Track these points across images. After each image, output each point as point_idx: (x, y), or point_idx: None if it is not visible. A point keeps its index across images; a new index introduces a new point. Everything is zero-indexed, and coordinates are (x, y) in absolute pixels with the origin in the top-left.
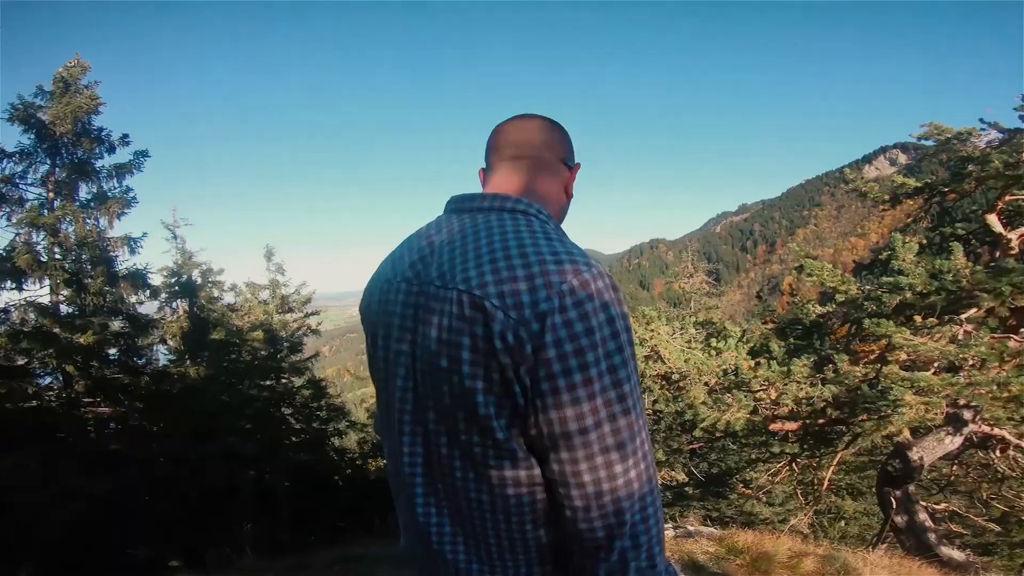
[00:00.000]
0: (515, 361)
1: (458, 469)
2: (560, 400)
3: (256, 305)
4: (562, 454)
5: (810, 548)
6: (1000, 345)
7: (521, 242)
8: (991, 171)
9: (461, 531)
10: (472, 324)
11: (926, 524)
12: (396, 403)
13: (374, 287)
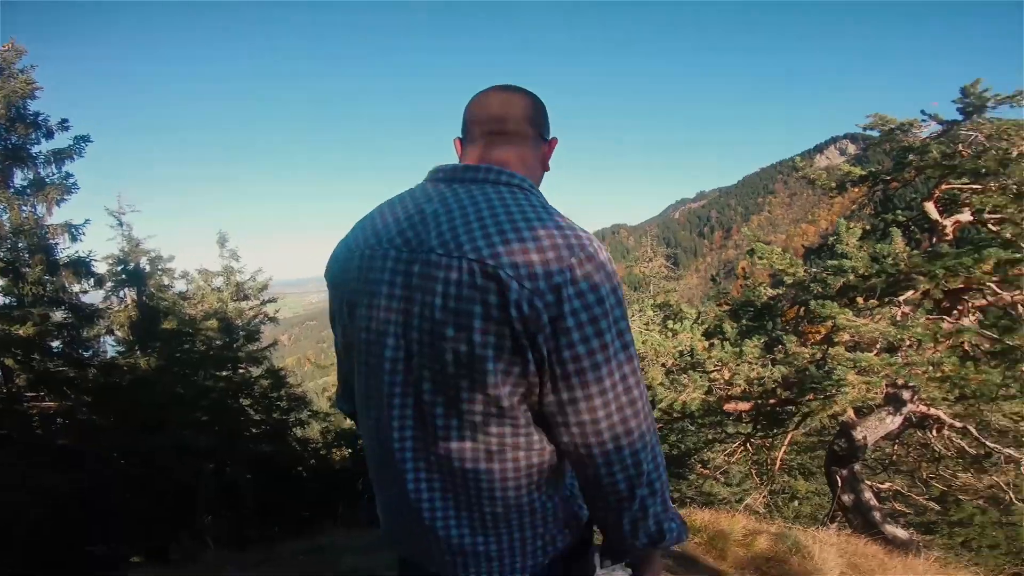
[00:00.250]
0: (530, 330)
1: (454, 439)
2: (581, 366)
3: (209, 293)
4: (583, 416)
5: (763, 527)
6: (934, 326)
7: (526, 215)
8: (929, 161)
9: (454, 504)
10: (484, 293)
11: (871, 503)
12: (384, 375)
13: (350, 255)
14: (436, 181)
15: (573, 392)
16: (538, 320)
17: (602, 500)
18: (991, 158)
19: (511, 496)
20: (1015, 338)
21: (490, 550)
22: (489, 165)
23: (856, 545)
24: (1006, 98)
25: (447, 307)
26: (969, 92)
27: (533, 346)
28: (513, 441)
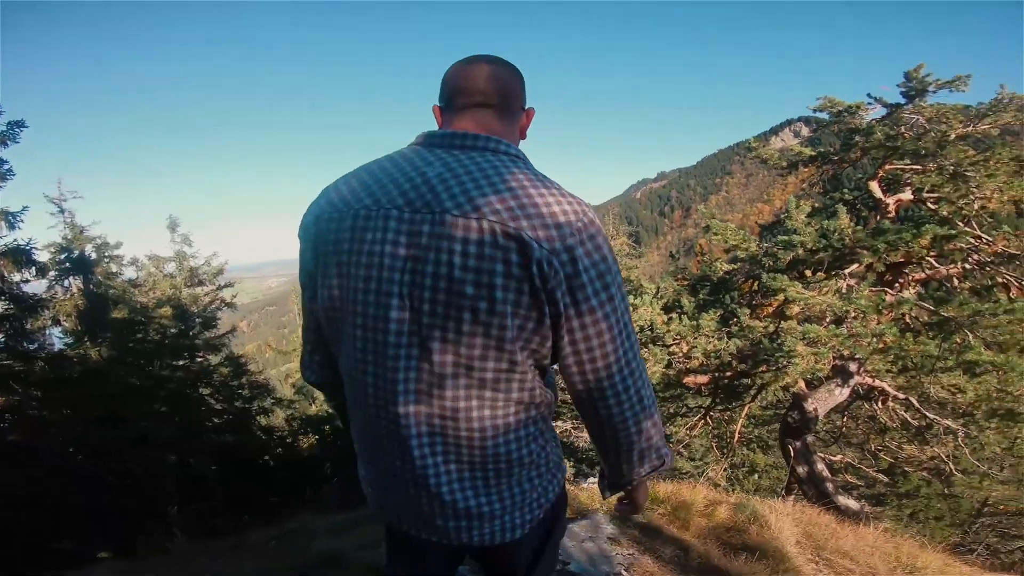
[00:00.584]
0: (549, 286)
1: (462, 399)
2: (596, 317)
3: (162, 279)
4: (598, 362)
5: (724, 497)
6: (877, 298)
7: (533, 182)
8: (874, 142)
9: (457, 467)
10: (506, 252)
11: (824, 474)
12: (389, 336)
13: (340, 215)
14: (432, 146)
15: (589, 341)
16: (556, 277)
17: (613, 438)
18: (930, 140)
19: (512, 450)
20: (949, 309)
21: (494, 510)
22: (483, 135)
23: (810, 515)
24: (946, 83)
25: (467, 266)
26: (912, 77)
27: (551, 300)
28: (518, 396)
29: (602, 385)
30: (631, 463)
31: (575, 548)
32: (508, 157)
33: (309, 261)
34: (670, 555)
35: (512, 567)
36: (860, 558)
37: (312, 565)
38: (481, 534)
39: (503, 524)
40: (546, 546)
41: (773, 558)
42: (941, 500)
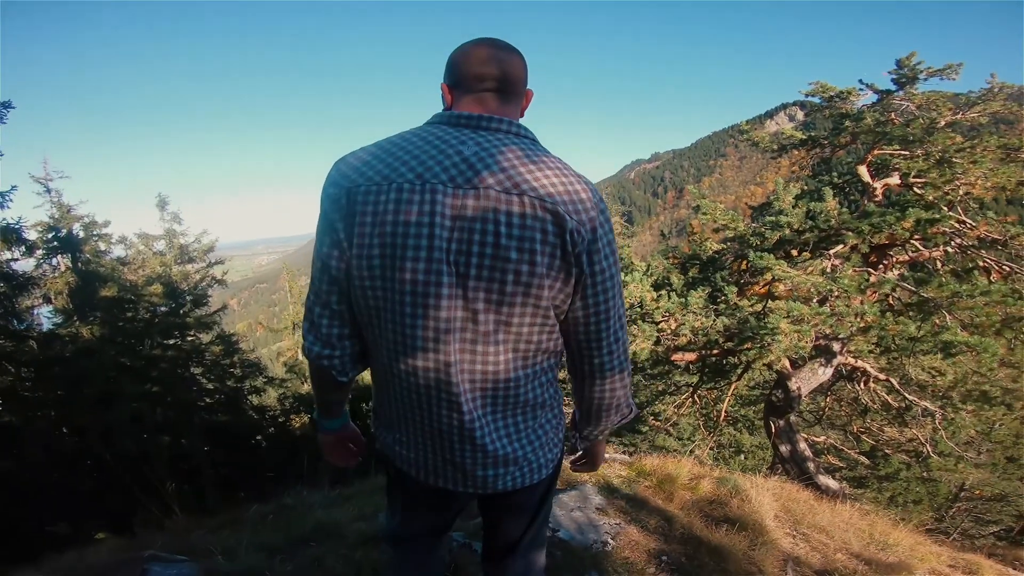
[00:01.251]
0: (577, 250)
1: (504, 351)
2: (605, 277)
3: (151, 257)
4: (601, 316)
5: (707, 472)
6: (860, 278)
7: (556, 164)
8: (863, 127)
9: (499, 418)
10: (543, 223)
11: (806, 453)
12: (443, 301)
13: (378, 189)
14: (458, 126)
15: (597, 297)
16: (583, 243)
17: (600, 388)
18: (917, 126)
19: (539, 395)
20: (928, 290)
21: (526, 453)
22: (505, 118)
23: (790, 491)
24: (937, 71)
25: (511, 234)
26: (903, 64)
27: (577, 263)
28: (548, 343)
29: (600, 336)
30: (608, 412)
31: (564, 517)
32: (529, 140)
33: (340, 233)
34: (655, 525)
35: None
36: (835, 533)
37: (310, 536)
38: (514, 478)
39: (531, 466)
40: (548, 493)
41: (752, 530)
42: (920, 484)
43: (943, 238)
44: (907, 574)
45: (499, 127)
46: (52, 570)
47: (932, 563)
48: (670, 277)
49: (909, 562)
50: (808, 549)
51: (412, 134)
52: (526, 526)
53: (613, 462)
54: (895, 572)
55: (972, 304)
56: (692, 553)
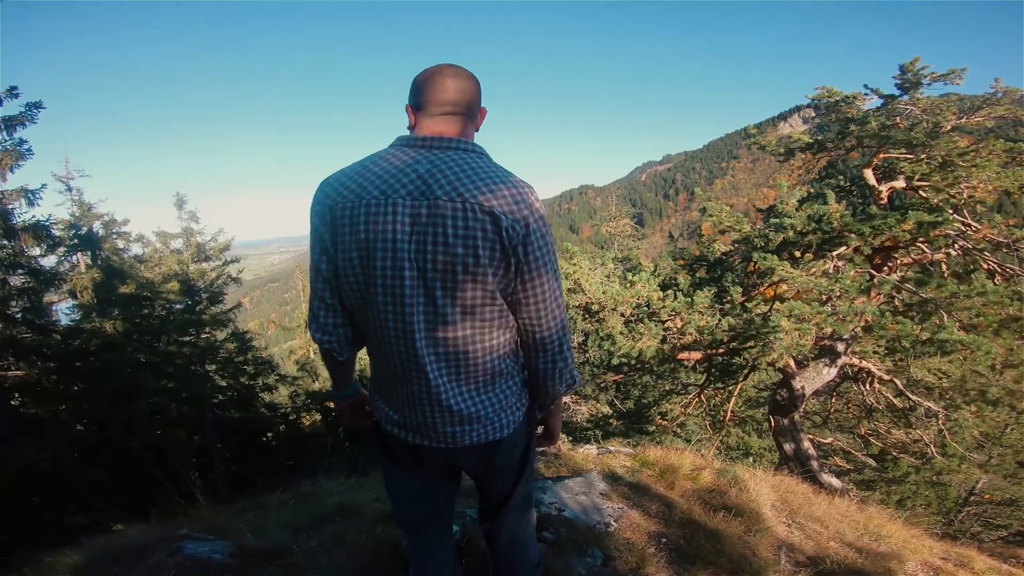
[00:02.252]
0: (513, 243)
1: (460, 329)
2: (540, 271)
3: (168, 255)
4: (537, 297)
5: (708, 463)
6: (861, 279)
7: (497, 173)
8: (868, 131)
9: (457, 381)
10: (483, 223)
11: (810, 452)
12: (406, 290)
13: (353, 206)
14: (416, 147)
15: (534, 281)
16: (517, 237)
17: (543, 359)
18: (921, 130)
19: (497, 363)
20: (928, 291)
21: (486, 411)
22: (456, 138)
23: (788, 484)
24: (941, 76)
25: (457, 234)
26: (907, 69)
27: (514, 254)
28: (498, 321)
29: (540, 314)
30: (552, 380)
31: (570, 500)
32: (475, 154)
33: (327, 241)
34: (655, 510)
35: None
36: (830, 524)
37: (332, 515)
38: (478, 435)
39: (492, 425)
40: (527, 454)
41: (749, 517)
42: (929, 488)
43: (945, 240)
44: (898, 563)
45: (450, 146)
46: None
47: (924, 555)
48: (677, 277)
49: (901, 553)
50: (802, 537)
51: (379, 156)
52: (512, 485)
53: (618, 454)
54: (886, 561)
55: (970, 304)
56: (690, 536)
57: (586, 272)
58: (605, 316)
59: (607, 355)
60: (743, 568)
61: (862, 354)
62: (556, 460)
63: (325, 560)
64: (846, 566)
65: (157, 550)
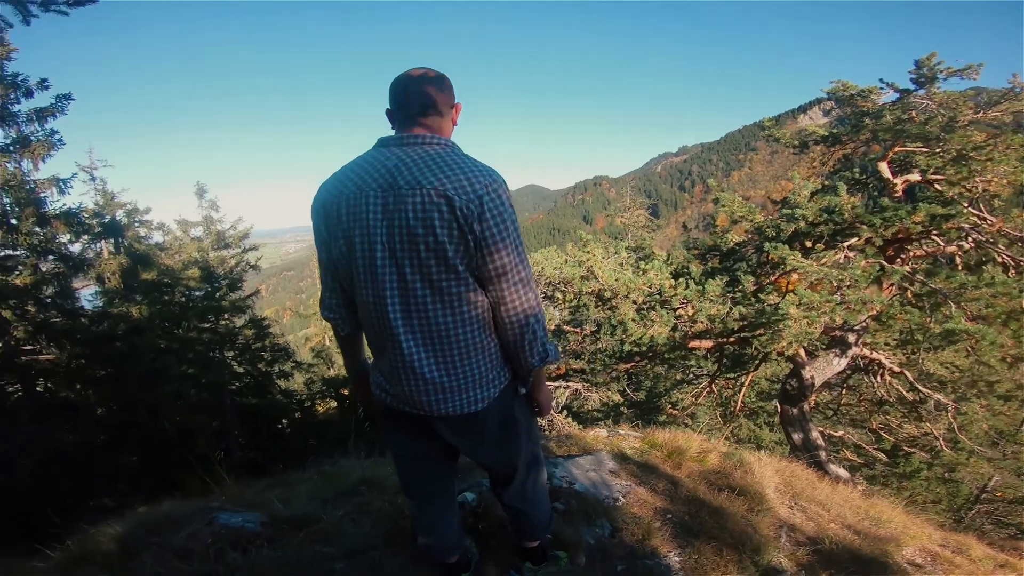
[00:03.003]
0: (469, 221)
1: (430, 303)
2: (497, 246)
3: (188, 243)
4: (500, 270)
5: (715, 446)
6: (871, 269)
7: (455, 160)
8: (883, 125)
9: (430, 352)
10: (439, 205)
11: (818, 442)
12: (379, 270)
13: (336, 202)
14: (389, 146)
15: (492, 256)
16: (471, 215)
17: (513, 330)
18: (936, 124)
19: (468, 337)
20: (936, 281)
21: (460, 383)
22: (422, 134)
23: (793, 468)
24: (957, 71)
25: (416, 217)
26: (923, 64)
27: (471, 231)
28: (466, 296)
29: (503, 285)
30: (522, 349)
31: (580, 475)
32: (439, 147)
33: (323, 231)
34: (662, 488)
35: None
36: (832, 508)
37: (355, 488)
38: (451, 404)
39: (466, 397)
40: (514, 419)
41: (752, 498)
42: (940, 484)
43: (958, 233)
44: (895, 546)
45: (417, 142)
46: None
47: (923, 541)
48: (689, 266)
49: (900, 537)
50: (804, 518)
51: (361, 158)
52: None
53: (627, 436)
54: (884, 544)
55: (979, 295)
56: (695, 513)
57: (599, 260)
58: (617, 303)
59: (619, 344)
60: (744, 544)
61: (873, 346)
62: (567, 440)
63: (351, 527)
64: (844, 547)
65: (193, 520)
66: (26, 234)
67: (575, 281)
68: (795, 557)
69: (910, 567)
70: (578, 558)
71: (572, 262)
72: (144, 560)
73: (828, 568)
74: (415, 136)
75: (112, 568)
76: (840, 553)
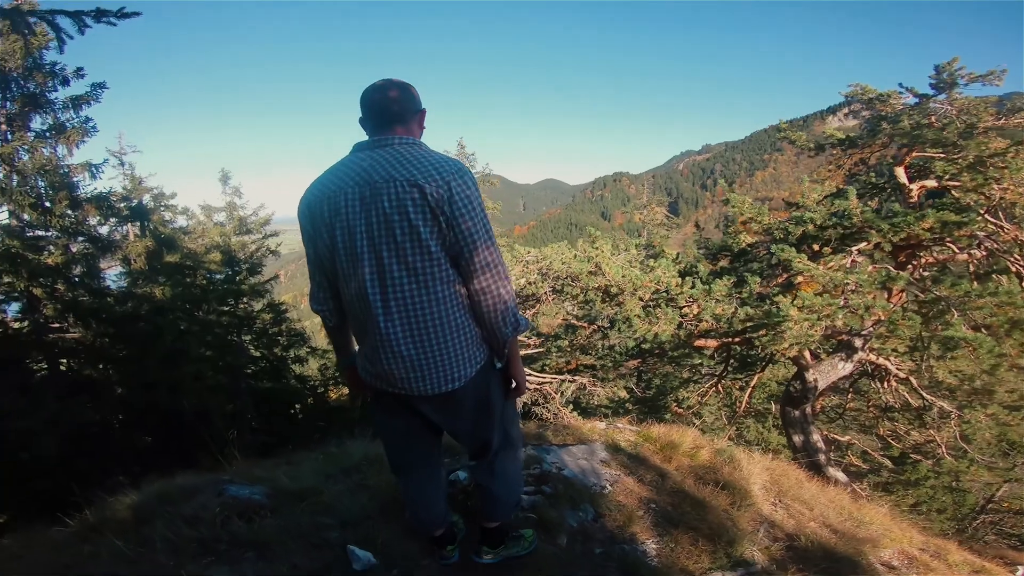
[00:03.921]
0: (440, 206)
1: (406, 283)
2: (467, 223)
3: (212, 227)
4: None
5: (707, 442)
6: (877, 273)
7: (423, 155)
8: (900, 129)
9: (407, 331)
10: (411, 193)
11: (819, 445)
12: (360, 257)
13: (319, 201)
14: (363, 150)
15: (463, 235)
16: (441, 199)
17: (485, 301)
18: (953, 130)
19: (443, 315)
20: (941, 288)
21: (436, 360)
22: (390, 136)
23: (783, 467)
24: (978, 77)
25: (392, 206)
26: (943, 69)
27: (443, 213)
28: (440, 276)
29: (473, 261)
30: (495, 321)
31: (571, 462)
32: (407, 145)
33: (309, 229)
34: (650, 479)
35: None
36: (816, 507)
37: (357, 466)
38: (428, 382)
39: (443, 375)
40: (489, 398)
41: (737, 493)
42: (946, 493)
43: (969, 241)
44: (872, 547)
45: (387, 143)
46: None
47: (903, 544)
48: (697, 265)
49: (879, 539)
50: (786, 515)
51: (339, 163)
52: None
53: (624, 429)
54: (862, 545)
55: (982, 304)
56: (677, 504)
57: (607, 256)
58: (624, 300)
59: (628, 340)
60: (720, 536)
61: (880, 351)
62: (564, 430)
63: (349, 500)
64: (819, 545)
65: (204, 492)
66: (59, 216)
67: (583, 276)
68: (769, 552)
69: (884, 568)
70: (559, 539)
71: (581, 257)
72: (156, 526)
73: (799, 564)
74: (385, 139)
75: (126, 534)
76: (814, 550)
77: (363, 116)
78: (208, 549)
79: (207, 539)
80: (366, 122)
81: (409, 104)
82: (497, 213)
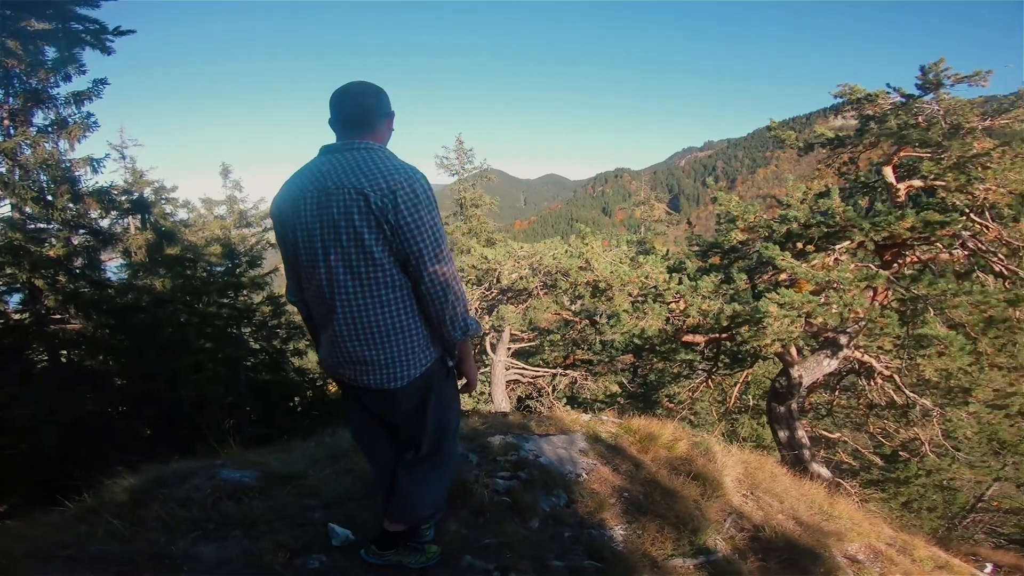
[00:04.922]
0: (384, 214)
1: (351, 286)
2: (412, 232)
3: (212, 221)
4: (420, 265)
5: (685, 435)
6: (859, 272)
7: (377, 162)
8: (887, 130)
9: (355, 333)
10: (358, 202)
11: (803, 441)
12: (317, 261)
13: (286, 203)
14: (328, 153)
15: (409, 242)
16: (386, 207)
17: (434, 305)
18: (938, 130)
19: (387, 318)
20: (919, 287)
21: (381, 359)
22: (353, 141)
23: (759, 461)
24: (964, 77)
25: (340, 212)
26: (929, 70)
27: (387, 221)
28: (383, 281)
29: (420, 267)
30: (447, 327)
31: (550, 451)
32: (365, 151)
33: (279, 229)
34: (625, 469)
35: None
36: (787, 500)
37: (345, 452)
38: (373, 378)
39: (388, 373)
40: (427, 402)
41: (708, 484)
42: (937, 491)
43: (950, 240)
44: (838, 540)
45: (348, 148)
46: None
47: (870, 539)
48: (686, 262)
49: (846, 533)
50: (755, 507)
51: (305, 166)
52: (418, 431)
53: (607, 421)
54: (827, 538)
55: (958, 303)
56: (648, 493)
57: (597, 252)
58: (613, 295)
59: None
60: (687, 524)
61: (865, 348)
62: (548, 421)
63: (335, 483)
64: (783, 536)
65: (198, 475)
66: (60, 209)
67: (572, 271)
68: (732, 541)
69: (847, 562)
70: (532, 522)
71: (571, 252)
72: (151, 508)
73: (760, 554)
74: (349, 143)
75: (123, 515)
76: (777, 541)
77: (331, 118)
78: (198, 527)
79: (198, 518)
80: (334, 123)
81: (377, 108)
82: (495, 209)
